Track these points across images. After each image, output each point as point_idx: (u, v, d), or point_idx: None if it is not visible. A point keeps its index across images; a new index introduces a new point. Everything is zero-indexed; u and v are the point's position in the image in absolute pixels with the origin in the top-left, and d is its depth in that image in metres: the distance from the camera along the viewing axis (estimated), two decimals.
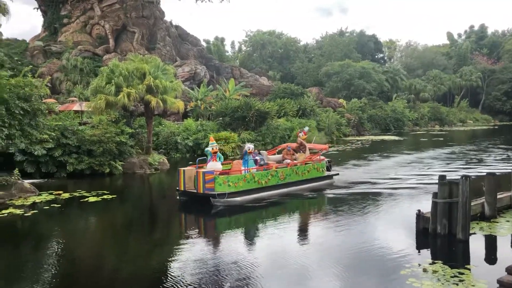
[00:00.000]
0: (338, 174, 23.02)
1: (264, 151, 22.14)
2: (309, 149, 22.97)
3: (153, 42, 59.50)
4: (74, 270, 11.03)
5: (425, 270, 9.99)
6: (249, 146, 18.80)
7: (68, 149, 24.79)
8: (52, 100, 36.86)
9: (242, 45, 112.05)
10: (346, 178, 23.23)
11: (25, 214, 16.26)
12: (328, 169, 22.64)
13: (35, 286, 9.69)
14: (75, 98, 39.88)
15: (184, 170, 18.06)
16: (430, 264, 10.46)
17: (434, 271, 9.93)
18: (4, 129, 20.92)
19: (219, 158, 18.22)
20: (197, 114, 46.07)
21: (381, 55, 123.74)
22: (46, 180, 23.53)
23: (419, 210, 13.21)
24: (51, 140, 23.82)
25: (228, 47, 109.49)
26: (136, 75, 28.40)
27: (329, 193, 20.26)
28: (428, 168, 27.07)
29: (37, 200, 18.52)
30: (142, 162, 28.04)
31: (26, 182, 20.30)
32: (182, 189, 17.92)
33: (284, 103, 50.78)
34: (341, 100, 71.70)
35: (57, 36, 56.46)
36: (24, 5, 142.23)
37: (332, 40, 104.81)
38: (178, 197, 18.36)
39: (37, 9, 60.52)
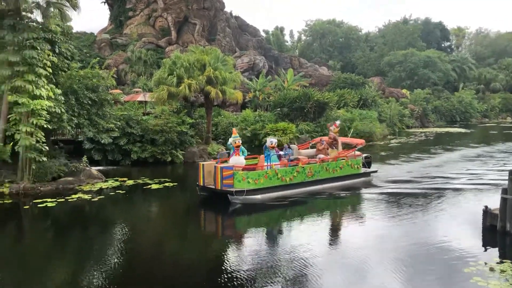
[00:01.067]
0: (376, 171, 21.26)
1: (294, 145, 20.91)
2: (345, 143, 21.60)
3: (213, 34, 60.33)
4: (136, 253, 11.50)
5: (491, 269, 9.47)
6: (271, 140, 17.58)
7: (132, 138, 25.81)
8: (117, 91, 38.39)
9: (302, 35, 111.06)
10: (389, 175, 21.74)
11: (93, 199, 17.14)
12: (367, 166, 20.99)
13: (102, 266, 10.23)
14: (139, 89, 41.33)
15: (203, 165, 17.26)
16: (497, 263, 9.91)
17: (502, 271, 9.40)
18: (74, 118, 22.18)
19: (242, 152, 17.20)
20: (255, 104, 46.25)
21: (448, 43, 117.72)
22: (112, 167, 24.63)
23: (486, 206, 12.52)
24: (116, 129, 24.92)
25: (287, 37, 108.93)
26: (197, 67, 28.97)
27: (365, 192, 18.66)
28: (498, 163, 25.54)
29: (103, 186, 19.47)
30: (202, 152, 28.65)
31: (94, 169, 21.39)
32: (201, 184, 17.16)
33: (344, 93, 49.73)
34: (404, 91, 69.27)
35: (122, 29, 58.69)
36: None
37: (395, 29, 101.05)
38: (198, 193, 17.58)
39: (104, 3, 63.15)
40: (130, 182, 20.41)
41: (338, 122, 22.63)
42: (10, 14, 18.65)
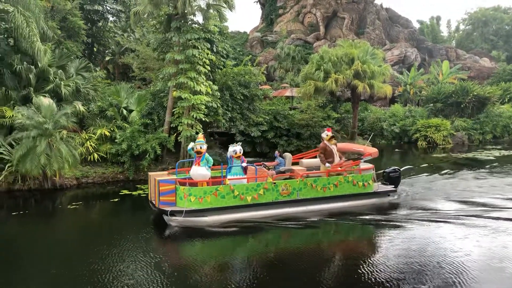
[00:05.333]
0: (395, 190, 15.93)
1: (288, 154, 16.24)
2: (348, 152, 16.61)
3: (362, 27, 58.98)
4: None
5: None
6: (234, 149, 13.52)
7: (279, 132, 26.75)
8: (267, 87, 40.04)
9: (460, 24, 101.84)
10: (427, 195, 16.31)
11: None
12: (389, 183, 16.00)
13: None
14: (286, 85, 42.51)
15: (150, 175, 14.07)
16: None
17: None
18: (228, 112, 23.90)
19: (207, 162, 13.07)
20: (405, 99, 44.11)
21: None
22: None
23: None
24: (265, 123, 26.08)
25: (443, 28, 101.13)
26: (344, 61, 28.68)
27: (370, 219, 13.51)
28: None
29: None
30: None
31: None
32: (150, 198, 14.02)
33: (510, 87, 44.48)
34: None
35: (272, 27, 60.86)
36: None
37: None
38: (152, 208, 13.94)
39: (257, 2, 66.26)
40: None
41: (325, 133, 15.28)
42: (177, 18, 20.78)
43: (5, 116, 18.79)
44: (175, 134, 21.73)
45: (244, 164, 13.48)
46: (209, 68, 21.63)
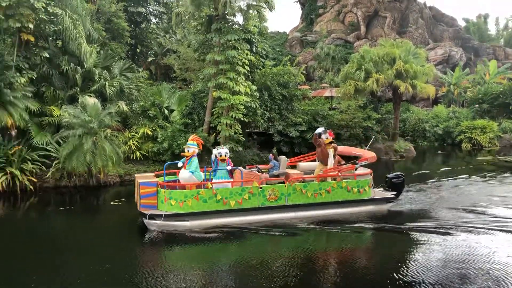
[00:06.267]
0: (396, 196, 14.97)
1: (283, 157, 15.38)
2: (345, 156, 15.25)
3: (404, 26, 57.66)
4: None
5: None
6: (219, 152, 13.11)
7: None
8: (306, 87, 39.83)
9: (510, 22, 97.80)
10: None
11: None
12: (391, 189, 14.97)
13: None
14: (326, 85, 42.14)
15: (137, 178, 13.22)
16: None
17: None
18: (266, 112, 23.97)
19: (193, 166, 12.59)
20: (449, 100, 42.82)
21: None
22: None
23: None
24: (304, 123, 25.94)
25: (491, 26, 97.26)
26: (386, 60, 28.16)
27: (360, 227, 12.78)
28: None
29: None
30: (388, 149, 27.85)
31: None
32: (136, 201, 13.31)
33: None
34: None
35: (312, 26, 60.46)
36: None
37: None
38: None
39: (297, 2, 66.09)
40: None
41: (320, 130, 14.57)
42: (217, 19, 21.02)
43: (53, 115, 19.58)
44: (214, 133, 22.00)
45: (229, 167, 12.98)
46: (248, 69, 21.75)
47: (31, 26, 18.36)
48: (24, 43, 19.21)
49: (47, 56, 20.02)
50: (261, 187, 12.95)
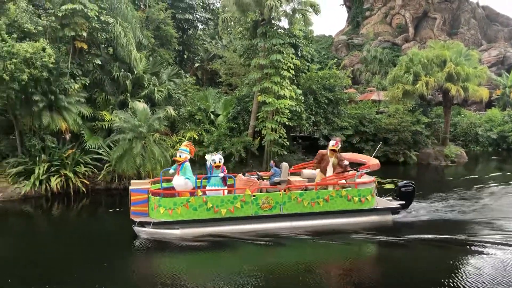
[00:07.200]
0: (404, 207, 14.12)
1: (285, 164, 14.55)
2: (350, 162, 13.94)
3: (455, 27, 55.74)
4: None
5: None
6: (213, 159, 12.59)
7: (365, 137, 26.09)
8: (352, 90, 39.26)
9: None
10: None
11: None
12: (399, 199, 14.17)
13: None
14: (373, 88, 41.36)
15: (131, 185, 12.98)
16: None
17: None
18: (311, 116, 23.82)
19: (185, 172, 12.17)
20: (504, 103, 40.89)
21: None
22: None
23: None
24: (350, 128, 25.56)
25: None
26: (436, 63, 27.34)
27: (360, 239, 11.96)
28: None
29: None
30: (438, 153, 26.96)
31: None
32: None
33: None
34: None
35: (359, 29, 59.63)
36: (329, 1, 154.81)
37: None
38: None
39: (343, 5, 65.42)
40: None
41: (333, 142, 13.53)
42: (263, 24, 21.14)
43: (104, 120, 20.32)
44: (259, 138, 22.09)
45: (222, 175, 12.45)
46: (293, 73, 21.71)
47: (84, 34, 19.17)
48: (78, 50, 20.07)
49: (99, 63, 20.84)
50: (254, 195, 12.45)
